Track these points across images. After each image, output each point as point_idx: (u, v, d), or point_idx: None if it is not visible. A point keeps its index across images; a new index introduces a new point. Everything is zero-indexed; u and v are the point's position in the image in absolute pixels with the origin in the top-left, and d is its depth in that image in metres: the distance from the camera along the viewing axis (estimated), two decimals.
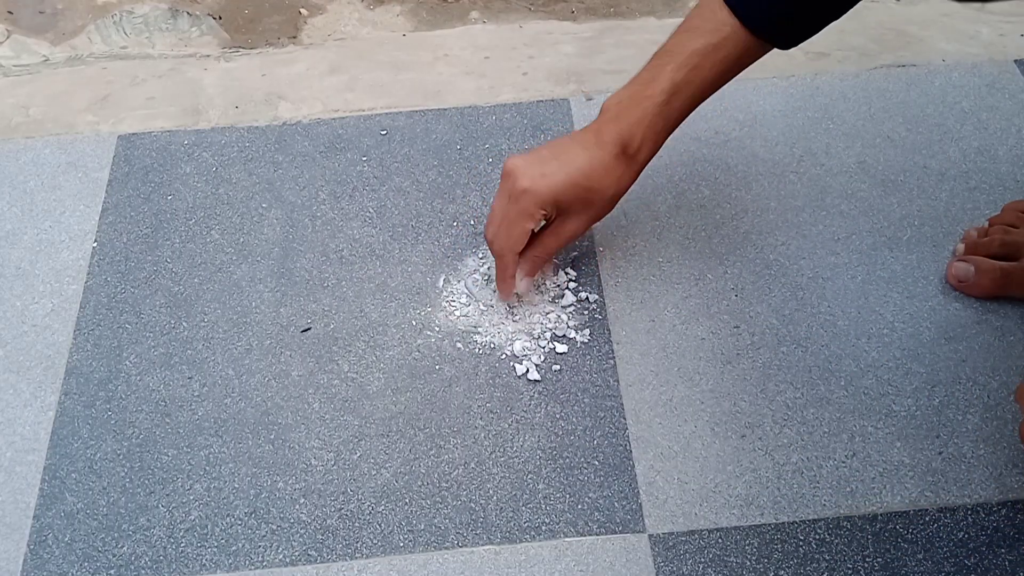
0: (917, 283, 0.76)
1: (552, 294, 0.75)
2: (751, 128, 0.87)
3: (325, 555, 0.63)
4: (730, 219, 0.81)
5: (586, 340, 0.73)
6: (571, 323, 0.74)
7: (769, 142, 0.86)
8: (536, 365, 0.71)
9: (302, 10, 1.03)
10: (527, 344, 0.72)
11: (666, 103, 0.67)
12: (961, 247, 0.76)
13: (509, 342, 0.73)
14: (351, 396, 0.71)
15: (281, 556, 0.63)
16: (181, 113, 0.91)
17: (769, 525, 0.64)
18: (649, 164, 0.70)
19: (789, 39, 0.67)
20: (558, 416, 0.69)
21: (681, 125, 0.70)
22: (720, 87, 0.69)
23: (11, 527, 0.65)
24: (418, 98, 0.92)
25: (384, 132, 0.88)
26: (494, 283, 0.75)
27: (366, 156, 0.86)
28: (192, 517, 0.65)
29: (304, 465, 0.67)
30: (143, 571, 0.63)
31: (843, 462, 0.66)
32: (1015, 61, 0.93)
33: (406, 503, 0.65)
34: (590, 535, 0.64)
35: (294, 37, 1.00)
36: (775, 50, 0.68)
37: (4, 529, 0.65)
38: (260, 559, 0.63)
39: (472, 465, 0.67)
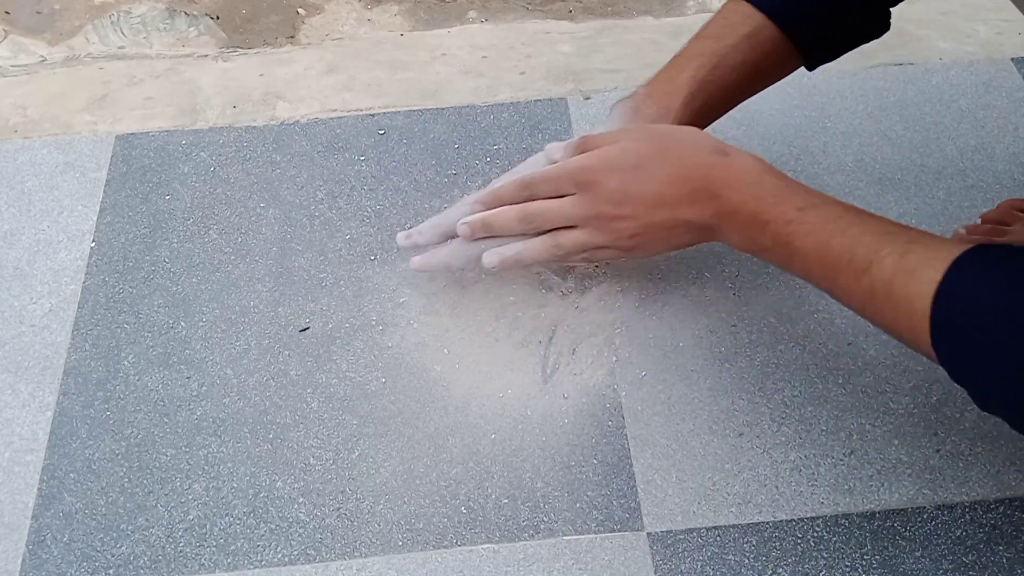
0: None
1: (552, 293, 0.75)
2: (748, 127, 0.87)
3: (324, 554, 0.63)
4: None
5: (584, 339, 0.73)
6: (569, 322, 0.74)
7: (767, 141, 0.86)
8: (535, 364, 0.71)
9: (300, 10, 1.03)
10: (526, 342, 0.72)
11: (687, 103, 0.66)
12: None
13: (508, 340, 0.73)
14: (350, 395, 0.71)
15: (280, 555, 0.63)
16: (179, 113, 0.91)
17: (767, 523, 0.64)
18: None
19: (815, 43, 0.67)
20: (556, 415, 0.69)
21: None
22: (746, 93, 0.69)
23: (9, 527, 0.65)
24: (416, 98, 0.92)
25: (382, 132, 0.88)
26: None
27: (364, 156, 0.86)
28: (191, 517, 0.65)
29: (303, 464, 0.67)
30: (142, 571, 0.63)
31: (841, 460, 0.66)
32: (1012, 59, 0.93)
33: (405, 502, 0.65)
34: (588, 533, 0.64)
35: (292, 37, 1.00)
36: None
37: (2, 529, 0.65)
38: (259, 558, 0.63)
39: (471, 464, 0.67)
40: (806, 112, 0.89)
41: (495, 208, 0.67)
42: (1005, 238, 0.75)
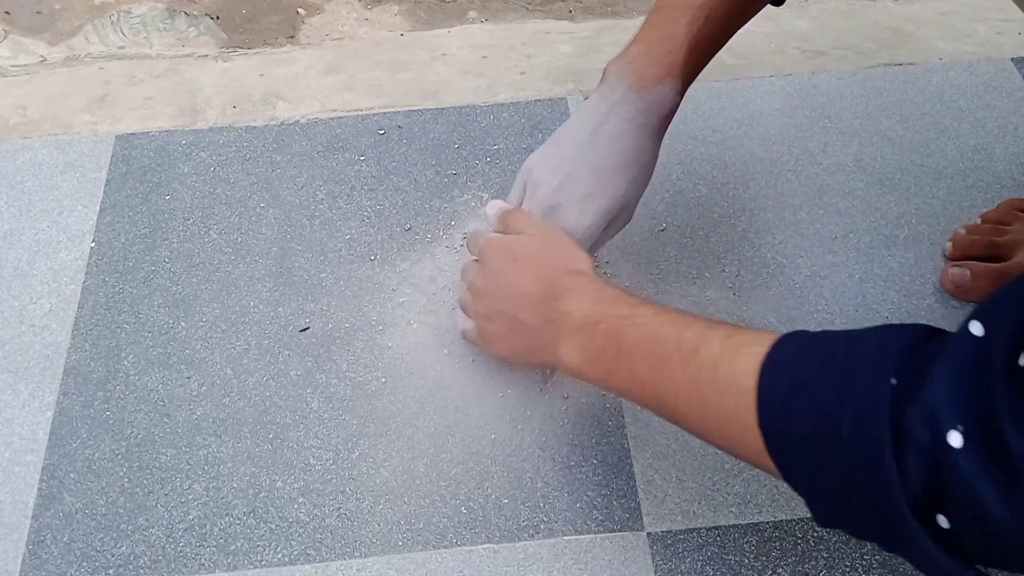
0: (914, 281, 0.76)
1: None
2: (749, 127, 0.87)
3: (324, 554, 0.63)
4: (728, 218, 0.81)
5: None
6: None
7: (767, 141, 0.86)
8: (534, 364, 0.71)
9: (300, 10, 1.03)
10: None
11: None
12: (949, 246, 0.76)
13: None
14: (349, 395, 0.71)
15: (280, 555, 0.63)
16: (179, 113, 0.91)
17: (767, 523, 0.64)
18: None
19: None
20: (557, 415, 0.69)
21: (678, 123, 0.69)
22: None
23: (9, 527, 0.65)
24: (416, 98, 0.92)
25: (382, 132, 0.88)
26: None
27: (364, 156, 0.86)
28: (191, 517, 0.65)
29: (303, 464, 0.67)
30: (142, 571, 0.63)
31: None
32: (1012, 59, 0.93)
33: (405, 502, 0.65)
34: (589, 533, 0.64)
35: (292, 37, 1.00)
36: (774, 48, 0.68)
37: (2, 529, 0.65)
38: (259, 558, 0.63)
39: (471, 464, 0.67)
40: (806, 112, 0.89)
41: None
42: (1005, 238, 0.75)
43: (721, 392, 0.47)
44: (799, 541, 0.63)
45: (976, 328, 0.38)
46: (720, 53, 0.68)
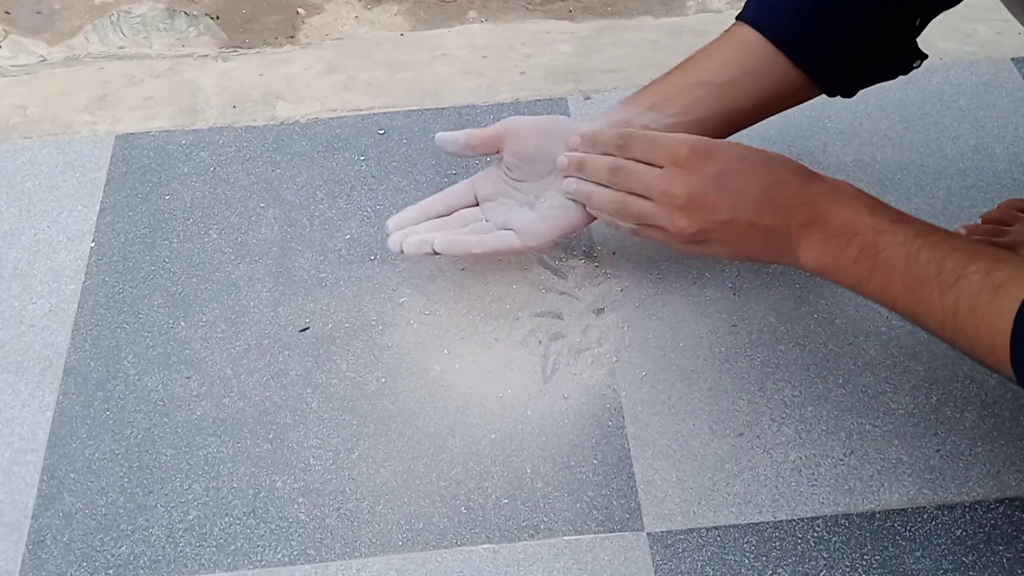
0: None
1: (552, 293, 0.75)
2: (748, 127, 0.87)
3: (324, 554, 0.63)
4: None
5: (585, 339, 0.73)
6: (570, 322, 0.74)
7: (766, 141, 0.86)
8: (535, 364, 0.71)
9: (300, 10, 1.03)
10: (526, 342, 0.72)
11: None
12: None
13: (508, 340, 0.73)
14: (349, 395, 0.71)
15: (280, 555, 0.63)
16: (179, 113, 0.91)
17: (767, 523, 0.64)
18: None
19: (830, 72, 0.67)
20: (557, 415, 0.69)
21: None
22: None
23: (9, 527, 0.65)
24: (416, 98, 0.92)
25: (382, 132, 0.88)
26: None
27: (364, 156, 0.86)
28: (191, 517, 0.65)
29: (303, 464, 0.67)
30: (142, 571, 0.63)
31: (841, 460, 0.66)
32: (1012, 59, 0.93)
33: (404, 502, 0.65)
34: (588, 533, 0.64)
35: (292, 37, 1.00)
36: None
37: (2, 529, 0.65)
38: (259, 558, 0.63)
39: (471, 464, 0.67)
40: (806, 112, 0.88)
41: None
42: (1005, 238, 0.75)
43: (977, 325, 0.49)
44: (799, 541, 0.63)
45: None
46: None
